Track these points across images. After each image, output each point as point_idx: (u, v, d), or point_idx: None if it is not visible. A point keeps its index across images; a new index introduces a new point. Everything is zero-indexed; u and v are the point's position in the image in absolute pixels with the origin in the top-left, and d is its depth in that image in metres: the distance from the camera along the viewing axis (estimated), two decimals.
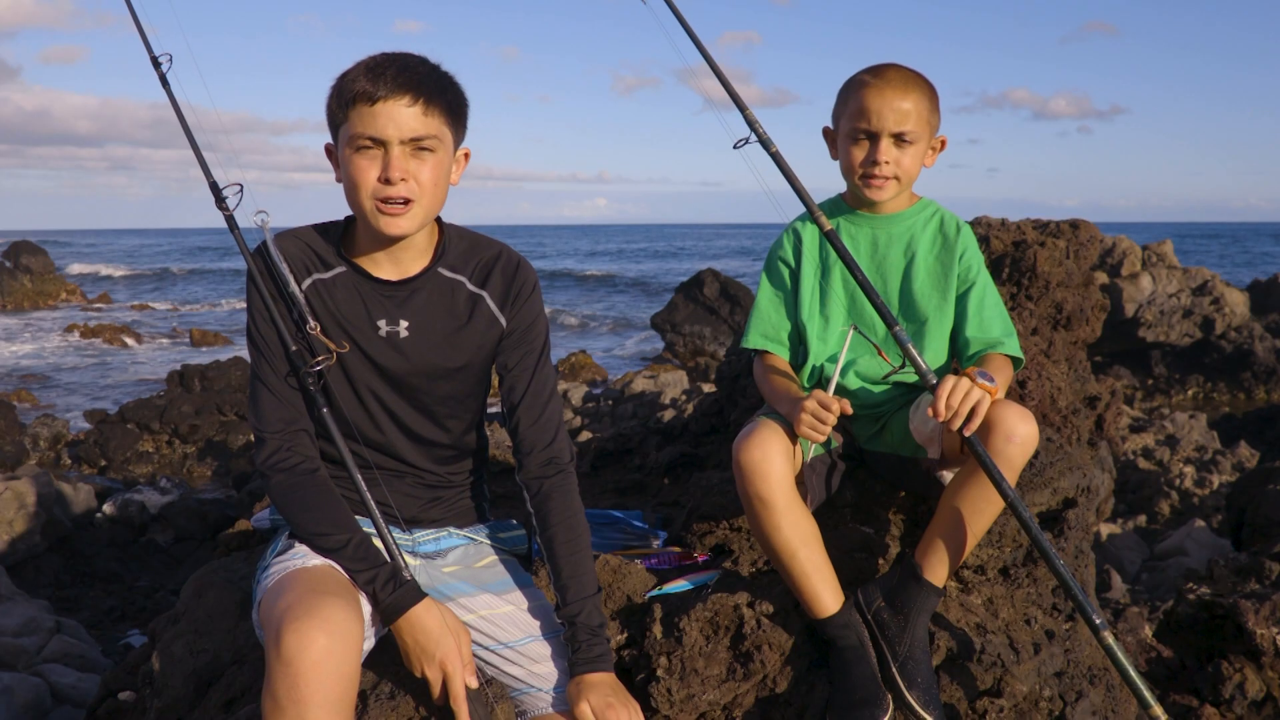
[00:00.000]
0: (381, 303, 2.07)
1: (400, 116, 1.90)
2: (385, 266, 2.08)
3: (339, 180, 2.00)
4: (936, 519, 2.29)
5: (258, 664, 2.28)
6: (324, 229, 2.12)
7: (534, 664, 2.06)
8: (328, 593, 1.82)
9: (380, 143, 1.91)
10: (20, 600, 5.75)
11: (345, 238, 2.11)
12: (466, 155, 2.08)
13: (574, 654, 2.00)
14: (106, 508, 8.21)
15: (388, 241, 2.03)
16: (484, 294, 2.14)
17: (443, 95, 1.96)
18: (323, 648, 1.70)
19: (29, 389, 16.71)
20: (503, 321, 2.15)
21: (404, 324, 2.08)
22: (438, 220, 2.12)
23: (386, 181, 1.92)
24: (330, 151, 2.02)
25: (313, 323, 1.99)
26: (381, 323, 2.07)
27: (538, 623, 2.11)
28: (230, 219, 2.15)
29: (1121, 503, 8.25)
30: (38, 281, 31.91)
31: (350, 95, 1.91)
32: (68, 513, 7.94)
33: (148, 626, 2.91)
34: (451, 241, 2.14)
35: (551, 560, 2.08)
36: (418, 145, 1.93)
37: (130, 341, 24.35)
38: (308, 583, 1.86)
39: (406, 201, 1.94)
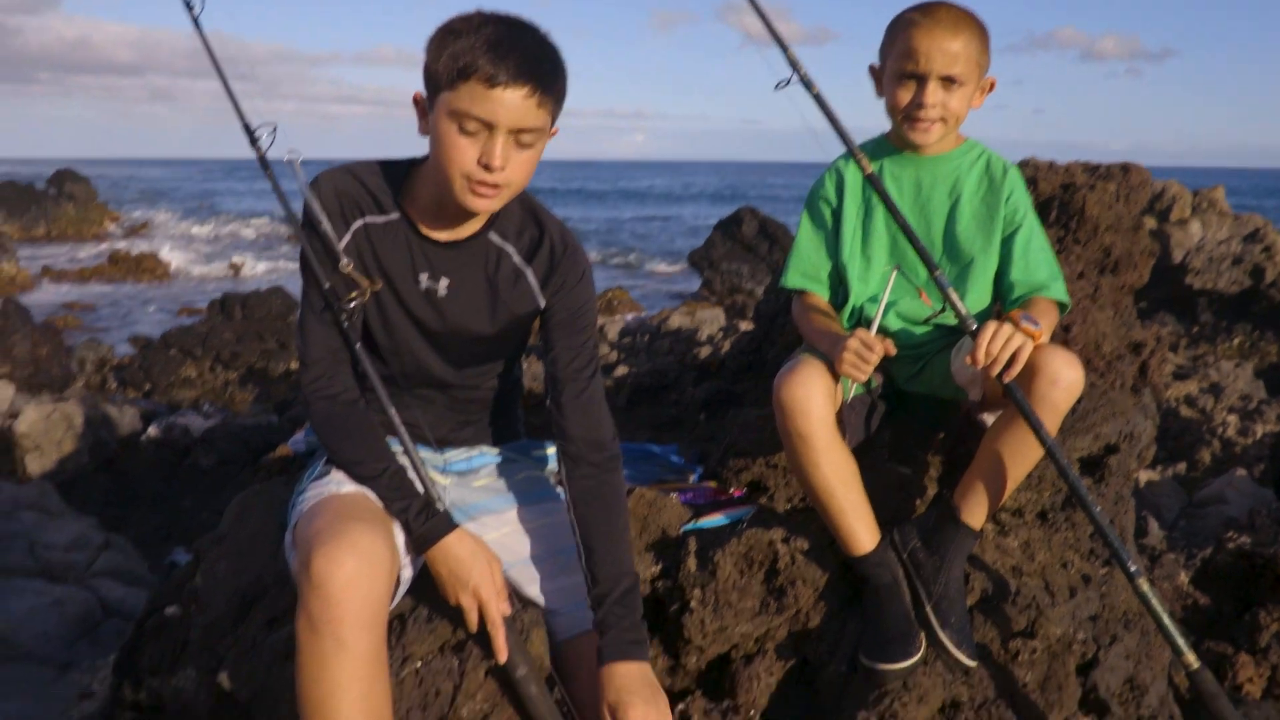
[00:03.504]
0: (426, 258, 2.05)
1: (516, 107, 1.81)
2: (439, 225, 2.05)
3: (423, 134, 1.94)
4: (976, 462, 2.27)
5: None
6: (386, 169, 2.06)
7: (562, 579, 2.08)
8: (358, 518, 1.84)
9: (489, 125, 1.83)
10: (70, 517, 5.90)
11: (405, 183, 2.06)
12: (554, 133, 1.99)
13: (603, 638, 1.95)
14: (151, 430, 8.36)
15: (456, 208, 1.97)
16: (528, 270, 2.10)
17: (555, 83, 1.86)
18: (351, 570, 1.73)
19: (74, 315, 16.98)
20: (541, 302, 2.11)
21: (444, 282, 2.06)
22: None
23: (486, 167, 1.85)
24: (420, 102, 1.93)
25: (345, 260, 1.99)
26: (423, 276, 2.06)
27: (565, 539, 2.12)
28: (263, 159, 2.13)
29: (1162, 450, 8.17)
30: (81, 209, 32.21)
31: (468, 69, 1.79)
32: (114, 435, 8.11)
33: (192, 546, 2.97)
34: (509, 208, 2.07)
35: (584, 539, 2.02)
36: (522, 134, 1.85)
37: (172, 269, 24.62)
38: (339, 509, 1.89)
39: (497, 186, 1.89)
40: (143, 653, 2.75)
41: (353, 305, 2.00)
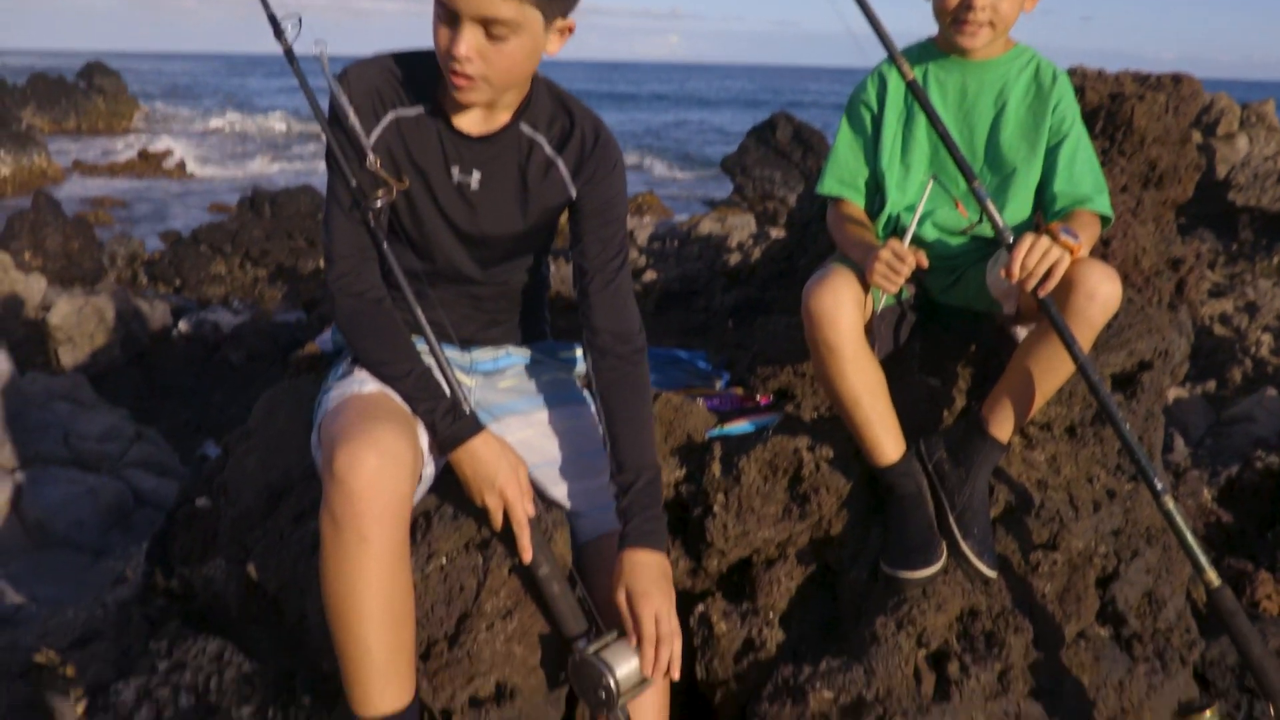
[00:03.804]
0: (458, 151, 2.02)
1: None
2: (469, 117, 2.01)
3: None
4: (1007, 376, 2.25)
5: None
6: (417, 60, 2.02)
7: (586, 481, 2.10)
8: (381, 417, 1.85)
9: (453, 13, 1.78)
10: (102, 409, 6.00)
11: (436, 75, 2.00)
12: (569, 29, 1.91)
13: (626, 525, 1.95)
14: (181, 325, 8.44)
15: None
16: (559, 161, 2.06)
17: None
18: (374, 467, 1.74)
19: (105, 210, 17.04)
20: (572, 192, 2.08)
21: (476, 175, 2.04)
22: None
23: (453, 57, 1.81)
24: None
25: (372, 156, 1.96)
26: (455, 170, 2.03)
27: (591, 440, 2.13)
28: (289, 52, 2.09)
29: (1193, 367, 8.09)
30: (110, 103, 32.07)
31: None
32: (145, 329, 8.19)
33: (222, 440, 3.01)
34: (538, 98, 2.03)
35: (610, 428, 2.02)
36: (492, 25, 1.79)
37: (202, 164, 24.58)
38: (362, 408, 1.89)
39: (470, 77, 1.84)
40: (174, 542, 2.81)
41: (380, 204, 1.98)
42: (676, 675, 1.84)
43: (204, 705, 2.79)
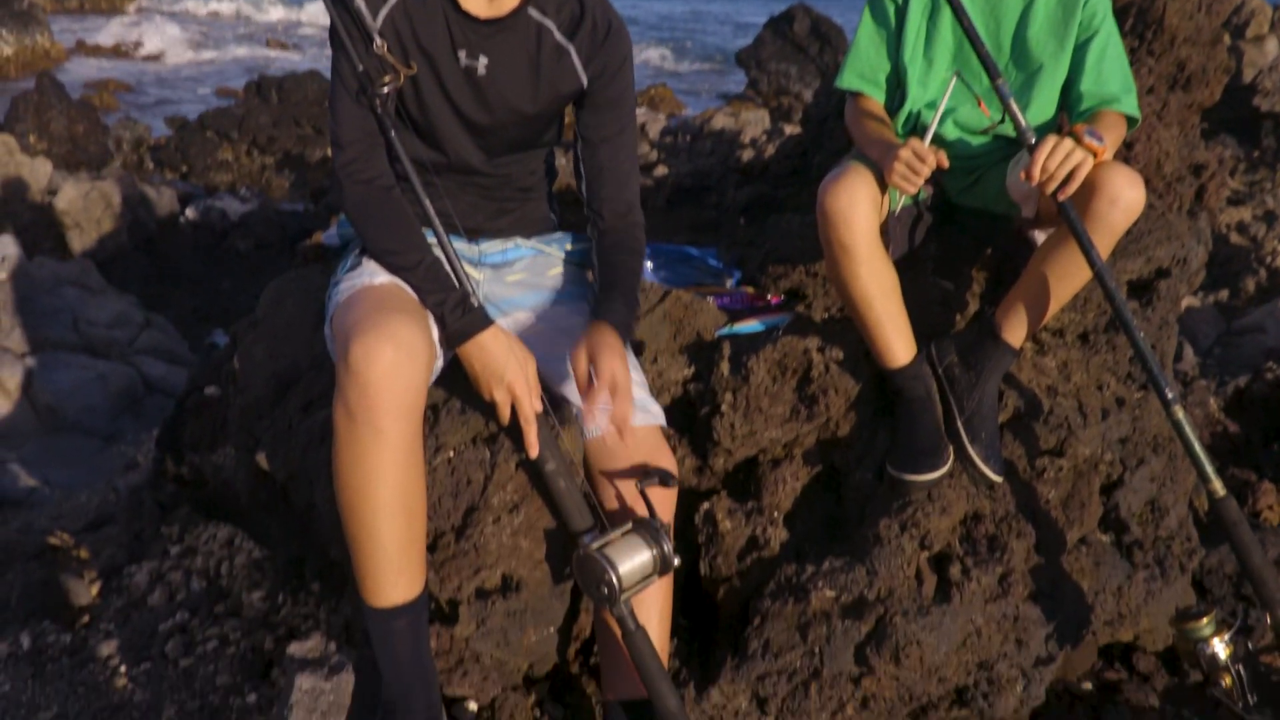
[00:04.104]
0: (465, 35, 1.97)
1: None
2: (477, 0, 1.97)
3: None
4: (1022, 281, 2.22)
5: (333, 371, 2.35)
6: None
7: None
8: (395, 309, 1.83)
9: None
10: (111, 295, 6.00)
11: None
12: None
13: (601, 305, 2.03)
14: (189, 212, 8.39)
15: None
16: (570, 47, 2.03)
17: None
18: (389, 360, 1.73)
19: (110, 93, 16.78)
20: (584, 80, 2.06)
21: (483, 60, 1.99)
22: None
23: None
24: None
25: (379, 40, 1.91)
26: (461, 53, 1.98)
27: None
28: None
29: (1206, 275, 8.02)
30: None
31: None
32: (152, 215, 8.14)
33: (230, 328, 3.01)
34: None
35: (604, 275, 2.09)
36: None
37: (207, 47, 24.13)
38: (375, 300, 1.88)
39: None
40: (184, 429, 2.83)
41: (386, 90, 1.93)
42: (626, 438, 1.92)
43: (215, 589, 2.84)
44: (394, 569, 1.81)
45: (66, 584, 2.98)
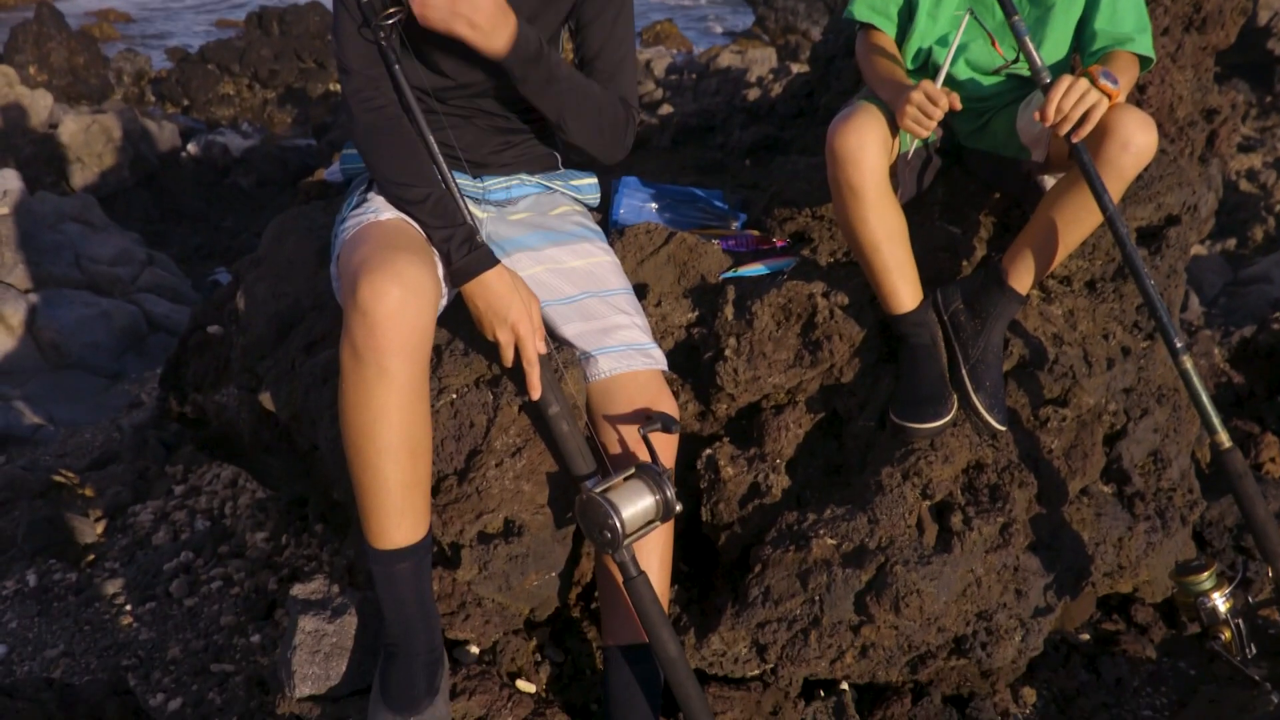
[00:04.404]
0: None
1: None
2: None
3: None
4: (1030, 226, 2.19)
5: (336, 310, 2.33)
6: None
7: (596, 321, 2.07)
8: (402, 248, 1.81)
9: None
10: (114, 231, 5.97)
11: None
12: None
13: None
14: (190, 148, 8.32)
15: None
16: None
17: None
18: (397, 299, 1.72)
19: (110, 24, 16.56)
20: None
21: None
22: None
23: None
24: None
25: None
26: None
27: (602, 279, 2.11)
28: None
29: (1214, 224, 7.95)
30: None
31: None
32: (153, 150, 8.07)
33: (232, 266, 2.99)
34: None
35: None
36: None
37: None
38: (382, 237, 1.86)
39: None
40: (187, 368, 2.82)
41: (392, 21, 1.90)
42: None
43: (219, 529, 2.86)
44: (398, 511, 1.81)
45: (72, 522, 3.00)
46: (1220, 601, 2.02)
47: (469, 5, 1.82)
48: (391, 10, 1.89)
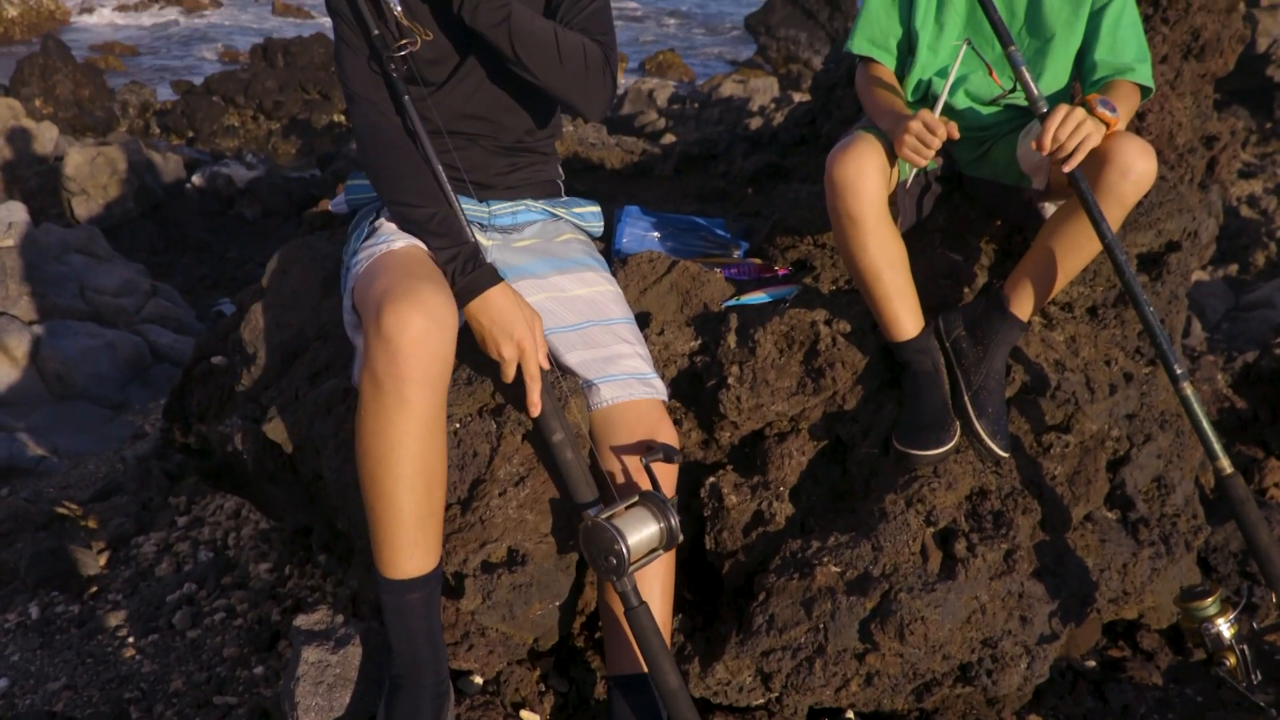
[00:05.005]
0: None
1: None
2: None
3: None
4: (1031, 253, 2.20)
5: (341, 340, 2.35)
6: None
7: (599, 350, 2.08)
8: (423, 276, 1.83)
9: None
10: (118, 262, 6.00)
11: None
12: None
13: None
14: (195, 179, 8.37)
15: None
16: None
17: None
18: (421, 328, 1.73)
19: (115, 56, 16.70)
20: None
21: None
22: None
23: None
24: None
25: (399, 7, 1.90)
26: None
27: (605, 308, 2.12)
28: None
29: (1215, 249, 7.97)
30: None
31: None
32: (158, 181, 8.12)
33: (237, 296, 3.00)
34: None
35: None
36: None
37: (211, 11, 23.96)
38: (401, 266, 1.87)
39: None
40: (191, 399, 2.83)
41: (404, 53, 1.93)
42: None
43: (222, 560, 2.86)
44: (411, 541, 1.81)
45: (75, 554, 3.00)
46: (1225, 627, 2.01)
47: None
48: (404, 42, 1.93)
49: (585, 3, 2.13)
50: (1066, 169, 1.99)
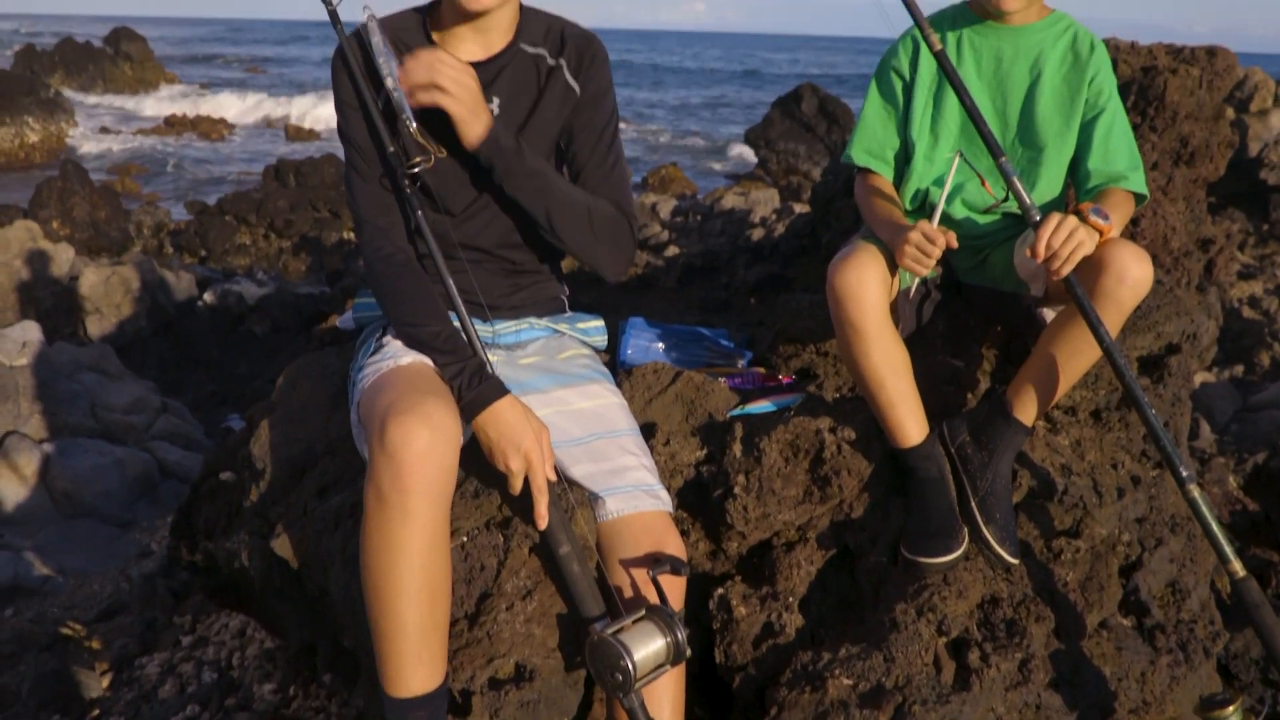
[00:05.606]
0: None
1: None
2: (471, 45, 2.07)
3: None
4: (1032, 358, 2.22)
5: (349, 455, 2.36)
6: (411, 12, 2.11)
7: (605, 463, 2.09)
8: (428, 391, 1.85)
9: None
10: (129, 380, 6.05)
11: (432, 17, 2.10)
12: None
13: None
14: (207, 296, 8.49)
15: (472, 17, 2.01)
16: (560, 63, 2.14)
17: None
18: (426, 441, 1.74)
19: (131, 178, 17.11)
20: (576, 90, 2.14)
21: (495, 101, 2.08)
22: None
23: None
24: None
25: (415, 124, 1.96)
26: None
27: (610, 421, 2.13)
28: (334, 13, 2.09)
29: (1220, 351, 7.99)
30: (138, 69, 32.16)
31: None
32: (170, 299, 8.24)
33: (246, 412, 3.02)
34: (529, 18, 2.13)
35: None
36: None
37: (227, 133, 24.63)
38: (407, 381, 1.89)
39: None
40: (198, 515, 2.83)
41: (417, 170, 1.98)
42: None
43: (226, 681, 2.82)
44: (415, 657, 1.79)
45: (77, 676, 2.96)
46: None
47: (449, 78, 1.91)
48: (418, 160, 1.98)
49: (608, 166, 2.20)
50: (1057, 276, 2.02)
